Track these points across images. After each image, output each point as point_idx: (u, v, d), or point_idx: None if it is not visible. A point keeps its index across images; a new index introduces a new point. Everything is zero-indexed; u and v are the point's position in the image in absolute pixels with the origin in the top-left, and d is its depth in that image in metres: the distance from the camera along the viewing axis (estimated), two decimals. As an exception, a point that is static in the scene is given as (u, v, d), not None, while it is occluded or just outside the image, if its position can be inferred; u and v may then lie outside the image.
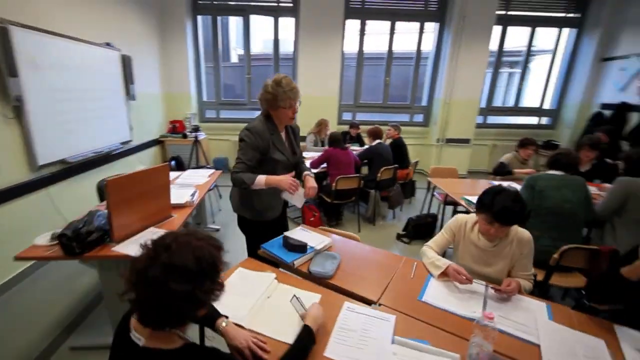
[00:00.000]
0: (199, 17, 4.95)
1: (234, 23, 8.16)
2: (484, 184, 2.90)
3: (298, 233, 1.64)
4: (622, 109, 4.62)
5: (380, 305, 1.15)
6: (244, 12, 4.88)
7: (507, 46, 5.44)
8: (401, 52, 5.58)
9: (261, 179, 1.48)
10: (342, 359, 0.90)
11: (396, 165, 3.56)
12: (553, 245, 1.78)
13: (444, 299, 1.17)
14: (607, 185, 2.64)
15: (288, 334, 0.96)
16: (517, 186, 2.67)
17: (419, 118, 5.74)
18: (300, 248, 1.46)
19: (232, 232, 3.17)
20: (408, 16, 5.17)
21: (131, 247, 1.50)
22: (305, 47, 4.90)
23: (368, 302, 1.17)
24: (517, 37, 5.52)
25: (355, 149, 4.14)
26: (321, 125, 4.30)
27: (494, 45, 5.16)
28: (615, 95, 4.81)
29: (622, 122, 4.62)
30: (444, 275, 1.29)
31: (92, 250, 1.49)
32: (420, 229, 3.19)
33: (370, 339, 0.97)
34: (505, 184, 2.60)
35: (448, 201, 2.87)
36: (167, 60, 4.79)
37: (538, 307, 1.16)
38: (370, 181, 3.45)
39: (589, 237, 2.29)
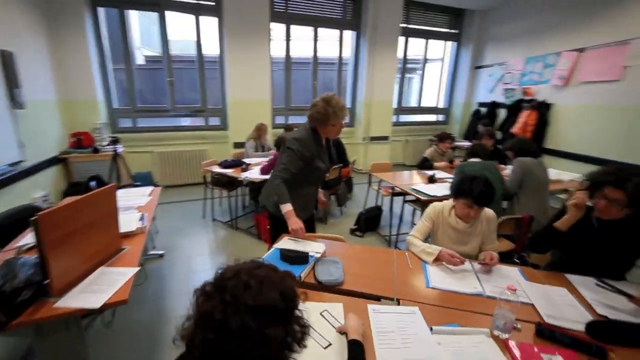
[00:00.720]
0: (101, 10, 4.20)
1: (137, 19, 7.14)
2: (418, 176, 3.39)
3: (288, 243, 1.62)
4: (493, 106, 5.98)
5: (399, 300, 1.24)
6: (159, 6, 4.36)
7: (409, 55, 6.36)
8: (325, 57, 5.91)
9: (286, 207, 1.64)
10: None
11: (341, 165, 3.81)
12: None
13: (446, 282, 1.35)
14: (503, 166, 3.46)
15: (331, 355, 0.93)
16: (443, 174, 3.23)
17: (346, 119, 6.19)
18: (301, 259, 1.44)
19: (179, 256, 2.93)
20: (329, 23, 5.49)
21: (83, 298, 1.21)
22: (232, 49, 4.70)
23: (389, 301, 1.25)
24: (416, 47, 6.49)
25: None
26: (260, 129, 4.24)
27: (400, 53, 5.98)
28: (487, 96, 6.17)
29: (494, 117, 5.98)
30: (437, 260, 1.49)
31: (22, 313, 1.10)
32: (371, 222, 3.53)
33: (411, 335, 1.01)
34: (430, 173, 3.15)
35: (396, 192, 3.26)
36: (62, 60, 3.90)
37: (513, 272, 1.44)
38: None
39: (503, 209, 2.97)
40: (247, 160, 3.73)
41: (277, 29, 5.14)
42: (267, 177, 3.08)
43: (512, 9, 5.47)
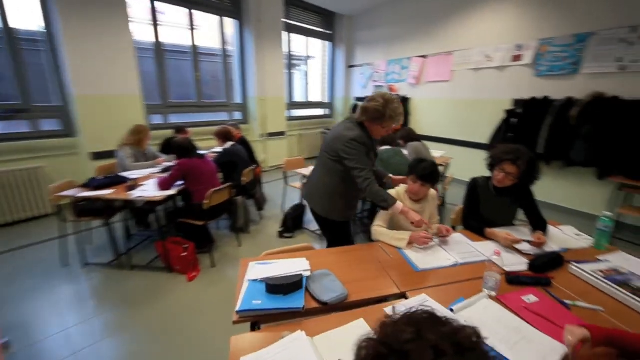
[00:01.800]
0: None
1: None
2: None
3: (263, 270, 1.37)
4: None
5: (405, 293, 1.27)
6: None
7: (294, 51, 6.52)
8: (208, 47, 5.29)
9: (399, 205, 1.64)
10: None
11: (255, 165, 3.59)
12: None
13: (427, 261, 1.47)
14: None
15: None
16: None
17: (239, 115, 5.82)
18: (295, 285, 1.25)
19: (38, 339, 1.91)
20: (205, 7, 4.90)
21: None
22: (69, 25, 3.40)
23: (396, 297, 1.26)
24: (298, 44, 6.71)
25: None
26: (141, 133, 3.30)
27: (285, 48, 6.04)
28: (362, 91, 7.07)
29: (368, 110, 6.93)
30: (409, 244, 1.62)
31: None
32: (296, 220, 3.50)
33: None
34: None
35: None
36: None
37: (461, 238, 1.70)
38: (235, 188, 3.27)
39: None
40: (127, 174, 2.94)
41: (140, 6, 4.21)
42: (170, 192, 2.57)
43: (372, 18, 6.40)
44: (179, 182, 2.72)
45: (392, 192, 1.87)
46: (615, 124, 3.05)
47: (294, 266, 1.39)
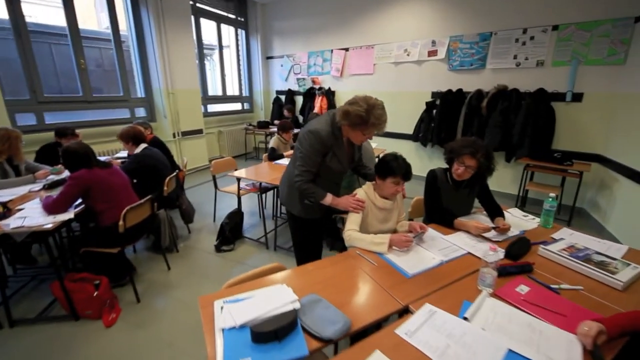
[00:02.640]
0: None
1: None
2: (268, 168, 3.27)
3: (237, 311, 1.04)
4: (291, 94, 6.69)
5: (407, 306, 1.15)
6: None
7: (205, 39, 5.77)
8: (92, 30, 4.18)
9: (327, 198, 1.61)
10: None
11: (177, 170, 3.00)
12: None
13: (413, 264, 1.37)
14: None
15: None
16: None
17: (142, 112, 4.84)
18: (290, 325, 0.97)
19: None
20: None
21: None
22: None
23: (400, 313, 1.14)
24: (209, 31, 5.96)
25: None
26: (11, 139, 2.44)
27: (194, 35, 5.28)
28: (283, 84, 6.79)
29: (294, 102, 6.71)
30: (389, 247, 1.49)
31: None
32: (236, 229, 3.08)
33: (462, 336, 0.96)
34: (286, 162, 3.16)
35: (264, 188, 2.99)
36: None
37: (434, 233, 1.66)
38: (157, 200, 2.64)
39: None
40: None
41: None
42: (64, 217, 1.90)
43: (288, 8, 6.14)
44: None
45: (360, 192, 1.71)
46: (517, 112, 3.59)
47: (276, 298, 1.11)
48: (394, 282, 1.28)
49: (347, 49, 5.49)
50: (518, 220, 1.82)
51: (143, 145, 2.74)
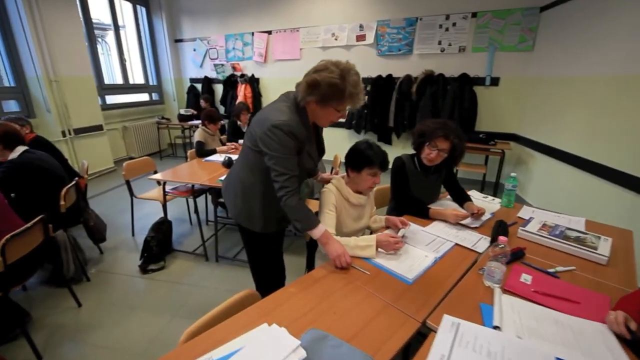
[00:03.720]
0: None
1: None
2: (198, 166, 2.73)
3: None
4: (208, 82, 5.90)
5: (427, 319, 0.96)
6: None
7: (95, 17, 4.55)
8: None
9: (319, 230, 1.22)
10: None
11: (76, 178, 2.25)
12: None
13: (408, 267, 1.20)
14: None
15: None
16: (222, 157, 2.78)
17: (13, 106, 3.55)
18: None
19: None
20: None
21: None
22: None
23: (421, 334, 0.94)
24: (101, 8, 4.72)
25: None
26: None
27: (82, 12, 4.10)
28: (198, 71, 5.95)
29: (212, 92, 5.95)
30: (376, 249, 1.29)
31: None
32: (164, 242, 2.49)
33: (498, 353, 0.82)
34: (218, 158, 2.69)
35: (197, 191, 2.44)
36: None
37: (414, 225, 1.52)
38: (52, 220, 1.87)
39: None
40: None
41: None
42: None
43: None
44: None
45: (330, 187, 1.45)
46: (444, 97, 3.81)
47: (270, 347, 0.82)
48: (397, 293, 1.08)
49: (269, 32, 5.05)
50: (481, 203, 1.82)
51: (21, 148, 1.94)
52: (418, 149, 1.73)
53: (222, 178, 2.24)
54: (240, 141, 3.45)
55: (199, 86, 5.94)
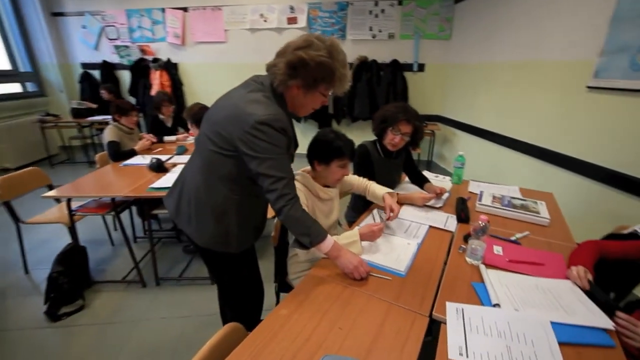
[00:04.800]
0: None
1: None
2: (114, 173, 2.24)
3: None
4: (109, 68, 4.91)
5: (433, 311, 0.93)
6: None
7: None
8: None
9: (328, 243, 1.03)
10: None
11: None
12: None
13: (396, 258, 1.17)
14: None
15: None
16: (147, 159, 2.35)
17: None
18: None
19: None
20: None
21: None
22: None
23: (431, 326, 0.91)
24: None
25: None
26: None
27: None
28: (93, 55, 4.91)
29: (117, 80, 4.98)
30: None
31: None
32: (79, 276, 1.98)
33: (506, 331, 0.85)
34: (140, 161, 2.28)
35: (119, 204, 1.96)
36: None
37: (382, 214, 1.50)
38: None
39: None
40: None
41: None
42: None
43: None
44: None
45: (297, 186, 1.28)
46: (379, 83, 3.93)
47: None
48: (396, 290, 1.04)
49: (185, 9, 4.43)
50: (434, 182, 1.90)
51: None
52: (380, 135, 1.71)
53: (155, 186, 1.87)
54: (168, 138, 2.97)
55: (96, 74, 4.91)
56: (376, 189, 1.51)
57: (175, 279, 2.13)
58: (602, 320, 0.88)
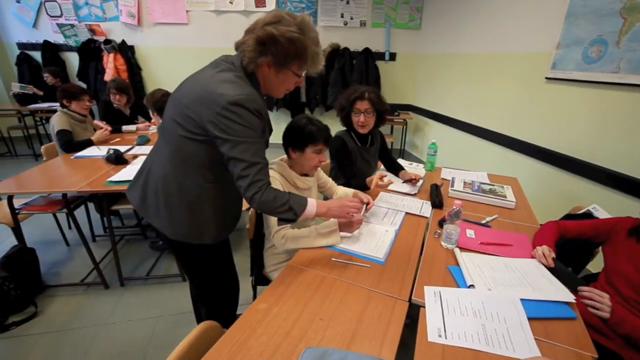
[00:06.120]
0: None
1: None
2: (66, 166, 2.03)
3: None
4: (51, 49, 4.40)
5: (412, 296, 0.95)
6: None
7: None
8: None
9: (310, 207, 0.99)
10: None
11: None
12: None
13: (375, 245, 1.17)
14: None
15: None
16: (103, 150, 2.16)
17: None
18: None
19: None
20: None
21: None
22: None
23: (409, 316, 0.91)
24: None
25: None
26: None
27: None
28: (32, 34, 4.37)
29: (62, 63, 4.48)
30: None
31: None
32: (27, 280, 1.79)
33: (480, 310, 0.88)
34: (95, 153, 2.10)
35: (72, 200, 1.76)
36: None
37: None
38: None
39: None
40: None
41: None
42: None
43: None
44: None
45: (274, 175, 1.24)
46: (351, 71, 3.89)
47: None
48: (375, 277, 1.04)
49: (140, -14, 4.06)
50: (408, 169, 1.94)
51: None
52: (348, 124, 1.70)
53: (114, 179, 1.71)
54: (126, 127, 2.73)
55: (36, 55, 4.38)
56: (346, 190, 1.51)
57: (142, 278, 2.00)
58: (564, 294, 0.95)
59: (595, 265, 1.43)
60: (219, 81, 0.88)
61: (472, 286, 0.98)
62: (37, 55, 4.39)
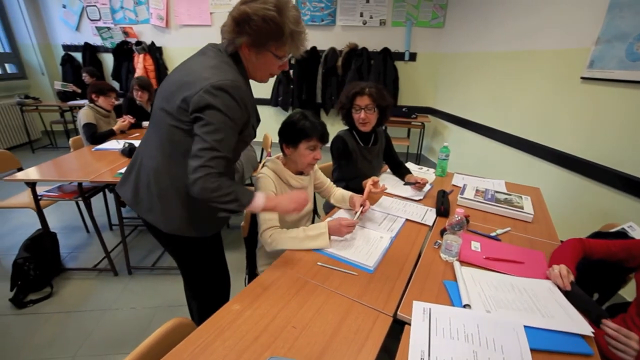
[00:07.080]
0: None
1: None
2: (89, 157, 2.13)
3: None
4: (90, 50, 4.71)
5: (398, 310, 0.87)
6: None
7: None
8: None
9: (257, 200, 0.93)
10: None
11: None
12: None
13: (367, 252, 1.10)
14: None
15: None
16: (121, 144, 2.24)
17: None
18: None
19: None
20: None
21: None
22: None
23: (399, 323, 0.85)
24: None
25: None
26: None
27: None
28: (75, 36, 4.71)
29: (99, 63, 4.79)
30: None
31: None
32: (47, 263, 1.89)
33: (474, 335, 0.78)
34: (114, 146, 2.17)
35: (88, 190, 1.86)
36: None
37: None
38: None
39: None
40: None
41: None
42: None
43: None
44: None
45: (267, 172, 1.22)
46: (369, 71, 3.80)
47: None
48: (361, 286, 0.96)
49: (169, -9, 4.24)
50: (417, 173, 1.83)
51: None
52: (349, 122, 1.64)
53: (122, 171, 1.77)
54: (146, 123, 2.84)
55: (78, 56, 4.72)
56: (343, 192, 1.44)
57: (148, 268, 2.05)
58: (580, 325, 0.81)
59: (629, 291, 1.25)
60: (205, 67, 0.87)
61: (467, 306, 0.87)
62: (78, 56, 4.72)
